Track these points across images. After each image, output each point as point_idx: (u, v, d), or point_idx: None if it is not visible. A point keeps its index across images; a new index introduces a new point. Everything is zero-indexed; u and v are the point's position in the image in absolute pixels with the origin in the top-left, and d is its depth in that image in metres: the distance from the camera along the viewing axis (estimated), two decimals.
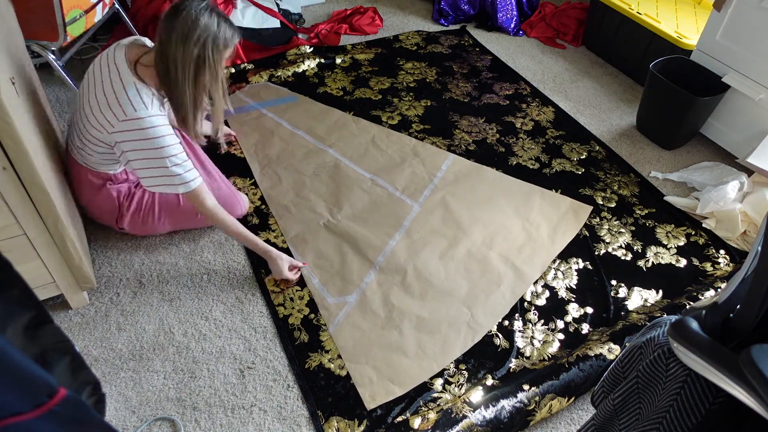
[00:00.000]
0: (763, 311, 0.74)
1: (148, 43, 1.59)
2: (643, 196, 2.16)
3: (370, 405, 1.46)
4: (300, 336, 1.60)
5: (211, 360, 1.54)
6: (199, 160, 1.79)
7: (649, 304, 1.77)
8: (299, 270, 1.76)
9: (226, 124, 2.29)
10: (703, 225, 2.04)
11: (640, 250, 1.95)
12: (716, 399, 0.78)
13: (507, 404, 1.42)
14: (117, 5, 2.26)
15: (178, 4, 1.41)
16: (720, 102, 2.25)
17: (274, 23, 2.84)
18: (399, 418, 1.43)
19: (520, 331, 1.66)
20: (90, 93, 1.51)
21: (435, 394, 1.50)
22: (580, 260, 1.89)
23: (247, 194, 1.98)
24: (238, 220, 1.89)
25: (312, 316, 1.66)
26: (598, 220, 2.05)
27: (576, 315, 1.73)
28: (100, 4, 2.10)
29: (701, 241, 1.99)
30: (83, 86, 1.56)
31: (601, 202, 2.12)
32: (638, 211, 2.09)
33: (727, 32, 2.18)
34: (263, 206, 1.98)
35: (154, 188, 1.55)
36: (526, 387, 1.46)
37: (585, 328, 1.69)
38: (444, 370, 1.55)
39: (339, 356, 1.56)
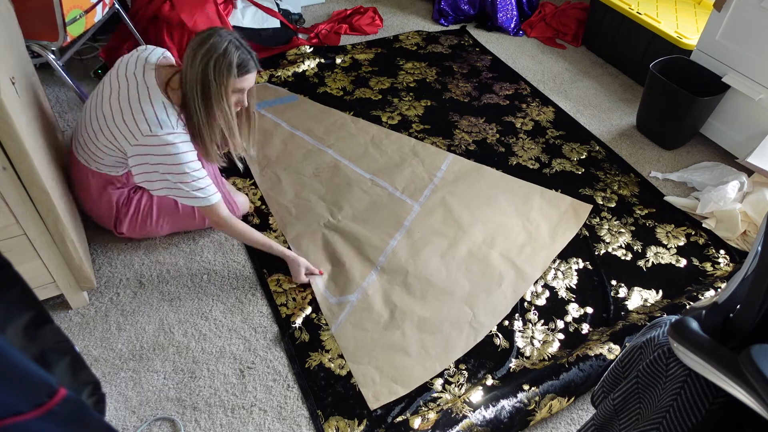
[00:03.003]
0: (763, 311, 0.74)
1: (172, 60, 1.59)
2: (643, 196, 2.16)
3: (373, 405, 1.46)
4: (301, 335, 1.60)
5: (211, 360, 1.54)
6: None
7: (649, 304, 1.77)
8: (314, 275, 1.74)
9: None
10: (703, 225, 2.04)
11: (640, 250, 1.95)
12: (716, 399, 0.78)
13: (507, 404, 1.42)
14: (117, 5, 2.26)
15: (201, 32, 1.44)
16: (720, 102, 2.25)
17: (274, 23, 2.84)
18: (399, 418, 1.43)
19: (520, 331, 1.66)
20: (111, 100, 1.50)
21: (435, 394, 1.50)
22: (580, 260, 1.89)
23: (247, 194, 1.98)
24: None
25: (313, 315, 1.66)
26: (598, 220, 2.05)
27: (576, 315, 1.73)
28: (100, 4, 2.10)
29: (701, 241, 1.99)
30: (102, 91, 1.55)
31: (601, 202, 2.12)
32: (638, 211, 2.09)
33: (727, 32, 2.18)
34: (263, 206, 1.98)
35: (166, 195, 1.55)
36: (526, 387, 1.46)
37: (585, 328, 1.69)
38: (444, 369, 1.55)
39: (339, 356, 1.56)
